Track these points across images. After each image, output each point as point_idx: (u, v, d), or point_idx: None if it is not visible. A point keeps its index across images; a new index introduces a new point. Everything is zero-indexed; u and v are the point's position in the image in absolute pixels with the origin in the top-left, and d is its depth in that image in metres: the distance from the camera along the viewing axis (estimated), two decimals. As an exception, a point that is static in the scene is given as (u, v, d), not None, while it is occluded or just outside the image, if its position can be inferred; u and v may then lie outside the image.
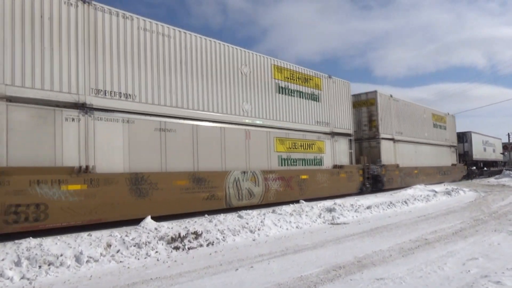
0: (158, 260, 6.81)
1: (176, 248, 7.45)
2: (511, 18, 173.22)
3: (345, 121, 18.34)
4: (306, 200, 14.34)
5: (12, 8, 8.38)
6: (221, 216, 9.99)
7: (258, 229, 9.06)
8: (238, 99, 13.22)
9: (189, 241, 7.77)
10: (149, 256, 6.97)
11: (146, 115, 10.51)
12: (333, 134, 17.37)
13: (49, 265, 6.07)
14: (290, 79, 15.45)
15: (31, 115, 8.48)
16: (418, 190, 18.65)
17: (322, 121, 16.81)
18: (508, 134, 46.68)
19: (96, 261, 6.45)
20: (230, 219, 9.66)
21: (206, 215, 10.52)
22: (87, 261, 6.37)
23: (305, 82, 16.08)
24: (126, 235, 7.57)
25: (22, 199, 7.94)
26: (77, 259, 6.35)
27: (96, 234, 7.66)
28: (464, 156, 34.22)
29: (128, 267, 6.34)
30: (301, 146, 15.66)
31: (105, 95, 9.76)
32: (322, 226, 10.18)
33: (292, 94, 15.46)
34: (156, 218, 9.25)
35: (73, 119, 9.09)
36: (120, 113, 9.99)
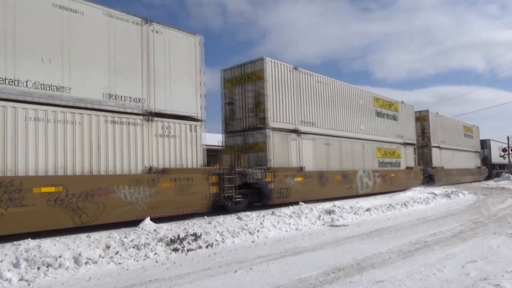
0: (157, 261, 6.79)
1: (175, 249, 7.44)
2: (511, 21, 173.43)
3: (411, 134, 24.60)
4: (392, 191, 20.13)
5: (272, 76, 14.60)
6: (220, 218, 9.98)
7: (258, 231, 9.05)
8: (357, 122, 19.43)
9: (188, 243, 7.75)
10: (148, 257, 6.95)
11: (320, 135, 16.75)
12: (405, 144, 23.62)
13: (47, 266, 6.06)
14: (382, 106, 21.85)
15: (280, 137, 14.69)
16: (417, 192, 18.66)
17: (399, 134, 23.06)
18: (508, 137, 46.58)
19: (95, 262, 6.44)
20: (229, 220, 9.65)
21: (205, 217, 10.50)
22: (86, 263, 6.35)
23: (389, 107, 22.56)
24: (125, 237, 7.55)
25: (282, 185, 14.13)
26: (76, 261, 6.33)
27: (94, 235, 7.65)
28: (485, 160, 40.82)
29: (127, 269, 6.32)
30: (389, 153, 21.99)
31: (304, 124, 16.01)
32: (322, 228, 10.17)
33: (383, 117, 21.84)
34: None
35: (294, 139, 15.32)
36: (310, 135, 16.17)
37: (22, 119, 8.16)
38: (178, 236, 7.89)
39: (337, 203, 13.47)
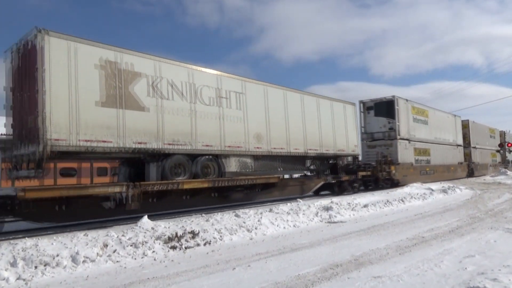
0: (155, 259, 6.79)
1: (173, 247, 7.43)
2: (509, 16, 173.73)
3: (497, 144, 44.07)
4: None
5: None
6: (218, 215, 9.97)
7: (255, 228, 9.05)
8: (487, 141, 40.63)
9: (186, 241, 7.74)
10: (146, 255, 6.94)
11: (485, 149, 40.40)
12: (497, 150, 43.35)
13: (45, 265, 6.03)
14: (490, 132, 41.91)
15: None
16: (414, 188, 18.68)
17: (494, 145, 42.43)
18: (504, 132, 46.77)
19: (93, 261, 6.42)
20: (227, 218, 9.64)
21: (203, 214, 10.50)
22: (84, 261, 6.33)
23: (492, 132, 42.53)
24: (123, 235, 7.53)
25: (478, 167, 37.65)
26: (74, 259, 6.31)
27: (92, 234, 7.62)
28: None
29: (125, 267, 6.31)
30: (492, 155, 42.17)
31: (478, 145, 38.40)
32: (319, 225, 10.18)
33: (490, 137, 41.77)
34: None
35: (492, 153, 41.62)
36: (486, 150, 40.88)
37: (442, 149, 29.37)
38: (176, 234, 7.87)
39: (335, 199, 13.47)
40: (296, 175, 17.96)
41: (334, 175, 18.59)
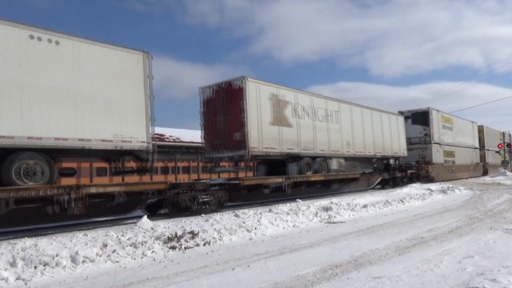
0: (154, 260, 6.79)
1: (173, 247, 7.43)
2: (509, 16, 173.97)
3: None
4: None
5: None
6: (218, 216, 9.97)
7: (255, 228, 9.05)
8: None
9: (186, 241, 7.74)
10: (145, 256, 6.94)
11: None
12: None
13: (44, 265, 6.03)
14: (500, 135, 44.29)
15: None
16: (414, 188, 18.70)
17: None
18: (503, 132, 46.80)
19: (92, 261, 6.42)
20: (226, 218, 9.64)
21: (203, 215, 10.50)
22: (83, 261, 6.33)
23: (502, 135, 44.74)
24: (122, 235, 7.53)
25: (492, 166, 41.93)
26: (73, 259, 6.31)
27: (91, 234, 7.62)
28: None
29: (124, 267, 6.31)
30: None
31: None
32: (319, 225, 10.19)
33: (500, 140, 43.86)
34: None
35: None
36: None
37: (463, 151, 33.75)
38: (176, 234, 7.88)
39: (334, 199, 13.48)
40: (359, 172, 21.67)
41: (388, 173, 23.20)
